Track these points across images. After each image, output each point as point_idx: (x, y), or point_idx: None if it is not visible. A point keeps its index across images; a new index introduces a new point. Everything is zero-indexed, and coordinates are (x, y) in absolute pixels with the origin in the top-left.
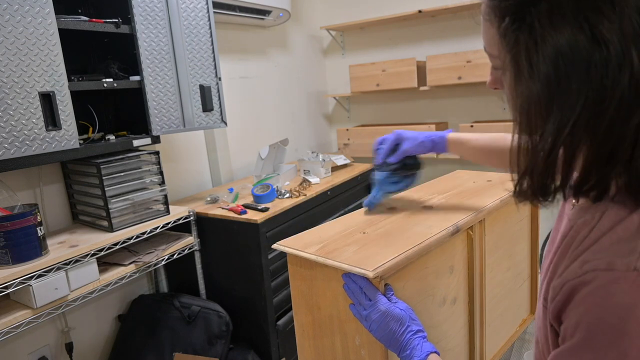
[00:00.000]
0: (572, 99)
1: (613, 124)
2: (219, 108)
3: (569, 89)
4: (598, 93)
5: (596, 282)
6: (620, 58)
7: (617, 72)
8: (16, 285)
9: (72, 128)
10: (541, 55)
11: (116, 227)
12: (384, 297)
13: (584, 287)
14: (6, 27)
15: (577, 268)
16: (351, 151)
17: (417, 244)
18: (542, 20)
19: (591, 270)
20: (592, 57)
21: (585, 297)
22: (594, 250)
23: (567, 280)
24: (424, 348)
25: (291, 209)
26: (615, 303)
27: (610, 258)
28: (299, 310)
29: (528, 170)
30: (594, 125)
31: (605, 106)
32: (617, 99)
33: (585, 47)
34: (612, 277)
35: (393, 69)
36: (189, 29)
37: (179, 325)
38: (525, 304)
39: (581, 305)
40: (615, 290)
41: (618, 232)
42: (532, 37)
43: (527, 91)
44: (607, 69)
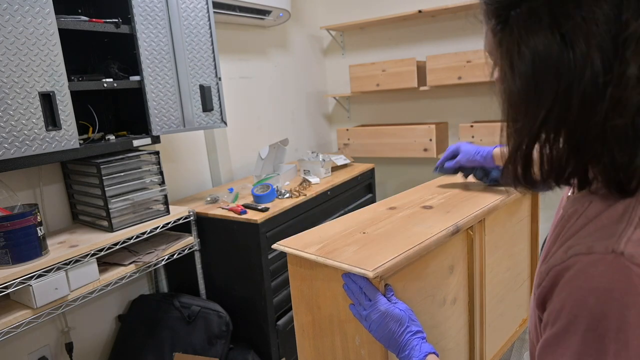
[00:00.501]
0: (546, 95)
1: (579, 119)
2: (219, 108)
3: (543, 86)
4: (566, 91)
5: (577, 266)
6: (584, 59)
7: (581, 72)
8: (16, 285)
9: (72, 128)
10: (521, 56)
11: (116, 227)
12: (384, 298)
13: (567, 272)
14: (6, 27)
15: (562, 253)
16: (351, 151)
17: (417, 244)
18: (521, 23)
19: (574, 255)
20: (561, 58)
21: (567, 282)
22: (579, 236)
23: (552, 266)
24: (423, 349)
25: (291, 209)
26: (593, 286)
27: (591, 242)
28: (299, 310)
29: (511, 158)
30: (564, 120)
31: (572, 103)
32: (580, 96)
33: (556, 50)
34: (591, 260)
35: (393, 69)
36: (189, 29)
37: (179, 325)
38: (525, 304)
39: (564, 291)
40: (593, 273)
41: (602, 219)
42: (513, 38)
43: (509, 88)
44: (573, 69)
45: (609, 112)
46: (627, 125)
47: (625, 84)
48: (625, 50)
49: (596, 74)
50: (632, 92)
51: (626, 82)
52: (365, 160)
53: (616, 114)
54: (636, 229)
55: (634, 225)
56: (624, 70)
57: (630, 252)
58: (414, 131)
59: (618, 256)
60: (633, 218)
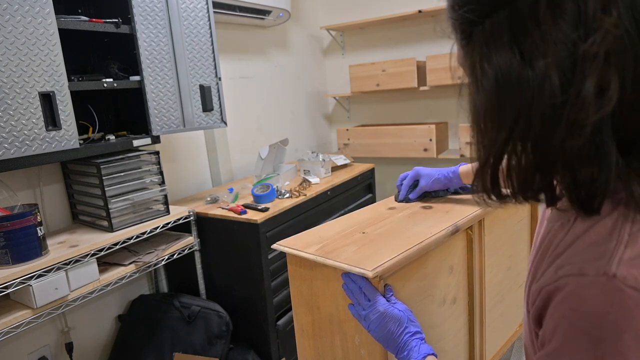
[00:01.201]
0: (508, 112)
1: (540, 138)
2: (219, 108)
3: (505, 103)
4: (527, 108)
5: (568, 288)
6: (543, 78)
7: (540, 91)
8: (16, 285)
9: (72, 128)
10: (484, 72)
11: (116, 227)
12: (383, 298)
13: (558, 293)
14: (6, 27)
15: (553, 273)
16: (351, 151)
17: (416, 243)
18: (483, 40)
19: (564, 276)
20: (521, 75)
21: (559, 303)
22: (568, 255)
23: (544, 286)
24: (422, 350)
25: (291, 209)
26: (587, 310)
27: (581, 263)
28: (298, 310)
29: (479, 173)
30: (527, 137)
31: (533, 121)
32: (540, 115)
33: (517, 67)
34: (583, 282)
35: (393, 69)
36: (189, 29)
37: (179, 325)
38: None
39: (557, 311)
40: (586, 296)
41: (591, 236)
42: (476, 54)
43: (474, 102)
44: (533, 87)
45: (566, 133)
46: (586, 145)
47: (581, 104)
48: (582, 69)
49: (554, 93)
50: (588, 112)
51: (582, 101)
52: (365, 160)
53: (574, 135)
54: (626, 247)
55: (624, 244)
56: (580, 89)
57: (622, 274)
58: (414, 131)
59: (610, 279)
60: (622, 235)
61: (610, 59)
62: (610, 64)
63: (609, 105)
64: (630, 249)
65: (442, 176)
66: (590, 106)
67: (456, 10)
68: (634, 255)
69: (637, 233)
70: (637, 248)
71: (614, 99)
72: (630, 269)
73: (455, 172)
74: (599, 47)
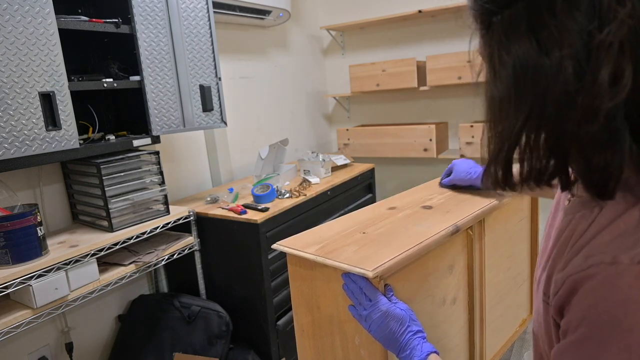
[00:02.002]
0: (524, 100)
1: (555, 125)
2: (219, 108)
3: (522, 92)
4: (542, 97)
5: (601, 276)
6: (558, 67)
7: (555, 79)
8: (16, 285)
9: (72, 128)
10: (502, 61)
11: (116, 227)
12: (385, 297)
13: (588, 281)
14: (6, 27)
15: (581, 261)
16: (351, 151)
17: (417, 243)
18: (501, 30)
19: (595, 264)
20: (538, 64)
21: (590, 291)
22: (596, 244)
23: (570, 274)
24: (424, 348)
25: (291, 209)
26: (620, 297)
27: (614, 252)
28: (298, 310)
29: (492, 161)
30: (542, 125)
31: (548, 109)
32: (554, 102)
33: (533, 56)
34: (617, 271)
35: (393, 69)
36: (189, 29)
37: (179, 325)
38: (525, 304)
39: (586, 300)
40: (620, 284)
41: (620, 226)
42: (494, 43)
43: (492, 91)
44: (548, 75)
45: (581, 119)
46: (600, 131)
47: (597, 92)
48: (597, 58)
49: (568, 81)
50: (602, 99)
51: (597, 89)
52: (365, 160)
53: (588, 121)
54: None
55: None
56: (595, 77)
57: None
58: (414, 131)
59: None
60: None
61: (624, 49)
62: (624, 53)
63: (622, 92)
64: None
65: (468, 177)
66: (605, 94)
67: (476, 1)
68: None
69: None
70: None
71: (628, 86)
72: None
73: (478, 172)
74: (614, 37)
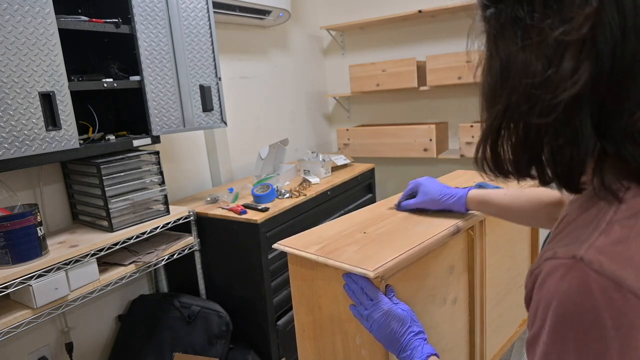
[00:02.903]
0: (504, 91)
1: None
2: (219, 108)
3: (503, 83)
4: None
5: (545, 270)
6: (528, 60)
7: (525, 72)
8: (16, 285)
9: (72, 128)
10: (493, 53)
11: (116, 227)
12: (386, 297)
13: (539, 276)
14: (6, 27)
15: (540, 257)
16: (351, 151)
17: (417, 244)
18: (492, 22)
19: (545, 259)
20: (515, 58)
21: (539, 285)
22: (555, 241)
23: (531, 271)
24: (425, 350)
25: (291, 209)
26: (555, 289)
27: (557, 247)
28: (299, 310)
29: (479, 145)
30: (515, 116)
31: (519, 101)
32: (522, 94)
33: (513, 50)
34: (555, 264)
35: (393, 69)
36: (189, 29)
37: (179, 325)
38: None
39: (537, 294)
40: (555, 277)
41: (577, 224)
42: (489, 37)
43: (483, 80)
44: (520, 69)
45: (542, 111)
46: (563, 125)
47: (554, 85)
48: (561, 53)
49: (535, 74)
50: (560, 91)
51: (556, 82)
52: (365, 160)
53: (548, 112)
54: (601, 235)
55: (600, 231)
56: (556, 71)
57: (589, 258)
58: (414, 131)
59: (577, 261)
60: (600, 224)
61: (585, 47)
62: (583, 51)
63: (575, 86)
64: (604, 236)
65: (444, 197)
66: (562, 87)
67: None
68: (605, 243)
69: (616, 222)
70: (611, 236)
71: (581, 81)
72: (598, 254)
73: (462, 199)
74: (574, 36)
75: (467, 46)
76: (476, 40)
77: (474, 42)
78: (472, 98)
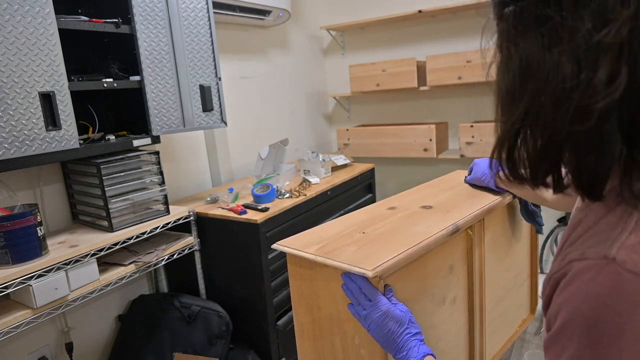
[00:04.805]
0: (524, 93)
1: (550, 121)
2: (219, 108)
3: (523, 85)
4: (539, 91)
5: (571, 272)
6: (557, 63)
7: (553, 75)
8: (16, 285)
9: (72, 128)
10: (510, 53)
11: (116, 227)
12: (385, 298)
13: (563, 278)
14: (6, 27)
15: (560, 261)
16: (351, 151)
17: (416, 243)
18: (511, 21)
19: (570, 262)
20: (539, 59)
21: (563, 288)
22: (577, 244)
23: (552, 274)
24: (421, 350)
25: (291, 209)
26: (586, 292)
27: (585, 248)
28: (298, 310)
29: (495, 150)
30: (538, 120)
31: (544, 104)
32: (550, 98)
33: (536, 50)
34: (584, 266)
35: (393, 69)
36: (189, 29)
37: (179, 325)
38: (525, 304)
39: (559, 296)
40: (586, 279)
41: (600, 226)
42: (504, 35)
43: (500, 81)
44: (547, 71)
45: (574, 118)
46: (592, 131)
47: (591, 91)
48: (596, 58)
49: (565, 78)
50: (597, 99)
51: (592, 88)
52: (365, 160)
53: (581, 120)
54: (630, 234)
55: (629, 231)
56: (591, 76)
57: (622, 258)
58: (414, 131)
59: (610, 262)
60: (629, 223)
61: (623, 50)
62: (622, 55)
63: (615, 93)
64: (634, 235)
65: (482, 176)
66: (599, 93)
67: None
68: (637, 242)
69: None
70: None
71: (621, 88)
72: (631, 253)
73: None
74: (614, 38)
75: (482, 44)
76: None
77: (488, 41)
78: (472, 98)
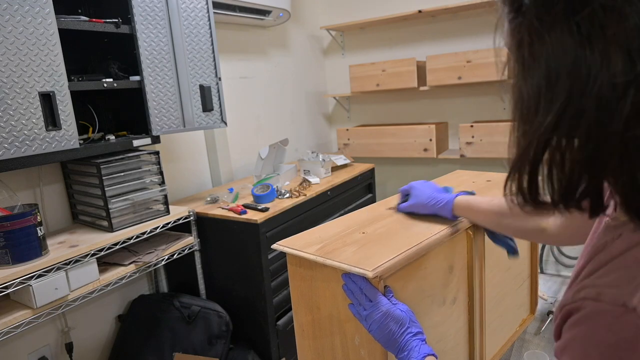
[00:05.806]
0: (558, 96)
1: (594, 127)
2: (219, 108)
3: (555, 85)
4: (580, 91)
5: (583, 312)
6: (602, 55)
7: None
8: (16, 285)
9: (72, 128)
10: (534, 50)
11: (116, 227)
12: (385, 298)
13: (575, 314)
14: (6, 27)
15: (575, 292)
16: (351, 151)
17: (416, 243)
18: (534, 12)
19: (584, 298)
20: (576, 53)
21: (573, 324)
22: (596, 276)
23: (563, 305)
24: (422, 350)
25: (291, 209)
26: (598, 339)
27: (602, 287)
28: (298, 310)
29: (516, 165)
30: (577, 126)
31: (586, 106)
32: (595, 98)
33: (571, 43)
34: (599, 309)
35: (393, 69)
36: (189, 29)
37: (179, 325)
38: (525, 304)
39: (569, 332)
40: (599, 325)
41: (626, 259)
42: (525, 29)
43: (520, 85)
44: (588, 66)
45: (630, 119)
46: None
47: None
48: None
49: (614, 72)
50: None
51: None
52: (365, 160)
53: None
54: None
55: None
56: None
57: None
58: (414, 131)
59: (629, 311)
60: None
61: None
62: None
63: None
64: None
65: (430, 202)
66: None
67: None
68: None
69: None
70: None
71: None
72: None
73: (448, 205)
74: None
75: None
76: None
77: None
78: (472, 98)
